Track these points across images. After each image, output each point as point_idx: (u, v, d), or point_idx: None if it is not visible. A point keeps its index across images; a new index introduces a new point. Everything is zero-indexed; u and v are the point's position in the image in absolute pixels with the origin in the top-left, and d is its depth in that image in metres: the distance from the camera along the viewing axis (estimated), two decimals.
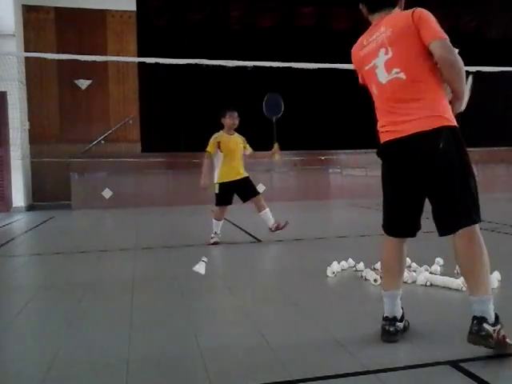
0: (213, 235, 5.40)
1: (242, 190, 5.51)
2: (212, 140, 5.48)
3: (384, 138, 2.32)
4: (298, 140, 11.79)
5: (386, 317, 2.38)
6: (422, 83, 2.21)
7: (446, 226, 2.20)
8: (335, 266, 3.81)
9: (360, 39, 2.47)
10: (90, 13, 11.11)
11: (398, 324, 2.36)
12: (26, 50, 10.42)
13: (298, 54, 9.55)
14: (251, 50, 11.05)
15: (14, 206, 10.09)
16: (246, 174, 5.54)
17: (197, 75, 10.54)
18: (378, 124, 2.38)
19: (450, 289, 3.25)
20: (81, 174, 10.47)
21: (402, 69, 2.23)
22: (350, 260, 4.00)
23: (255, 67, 8.26)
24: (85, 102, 11.20)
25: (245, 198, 5.57)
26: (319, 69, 8.70)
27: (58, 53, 10.28)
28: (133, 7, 11.39)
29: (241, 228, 6.59)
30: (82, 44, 10.73)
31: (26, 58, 10.08)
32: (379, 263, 3.85)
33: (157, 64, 8.52)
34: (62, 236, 6.79)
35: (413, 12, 2.22)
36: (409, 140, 2.19)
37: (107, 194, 10.52)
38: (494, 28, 13.26)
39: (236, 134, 5.62)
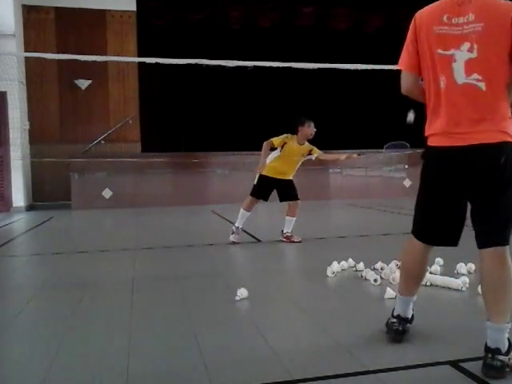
0: (234, 229, 5.38)
1: (283, 190, 5.48)
2: (283, 137, 5.42)
3: (439, 142, 2.13)
4: None
5: (398, 315, 2.36)
6: (499, 98, 2.04)
7: (483, 239, 2.09)
8: (335, 266, 3.81)
9: (437, 8, 2.12)
10: (90, 13, 11.11)
11: (408, 325, 2.36)
12: (26, 50, 10.42)
13: (298, 54, 9.55)
14: (251, 50, 11.05)
15: (14, 206, 10.08)
16: (291, 178, 5.56)
17: (197, 75, 10.54)
18: (431, 125, 2.16)
19: (449, 289, 3.25)
20: (81, 174, 10.46)
21: (484, 77, 2.01)
22: (350, 260, 4.00)
23: (255, 67, 8.25)
24: (85, 102, 11.20)
25: (283, 199, 5.53)
26: (319, 69, 8.70)
27: (58, 53, 10.28)
28: (133, 7, 11.39)
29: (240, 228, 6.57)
30: (82, 44, 10.73)
31: (26, 58, 10.08)
32: (379, 263, 3.86)
33: (157, 64, 8.52)
34: (62, 236, 6.79)
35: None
36: (470, 150, 2.03)
37: (107, 194, 10.51)
38: None
39: (306, 145, 5.51)
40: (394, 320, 2.36)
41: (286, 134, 5.43)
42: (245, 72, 8.90)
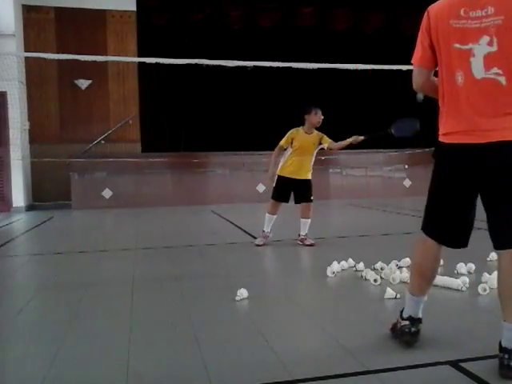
0: (262, 233, 5.29)
1: (299, 191, 5.35)
2: (288, 135, 5.37)
3: (456, 139, 2.07)
4: None
5: (410, 317, 2.29)
6: None
7: (501, 240, 2.05)
8: (335, 266, 3.81)
9: (451, 1, 2.06)
10: (90, 13, 11.11)
11: (420, 326, 2.31)
12: (26, 50, 10.42)
13: (298, 54, 9.55)
14: (251, 50, 11.06)
15: (14, 206, 10.09)
16: (308, 177, 5.36)
17: (197, 75, 10.55)
18: (448, 122, 2.10)
19: (450, 289, 3.25)
20: (81, 174, 10.46)
21: (505, 71, 1.95)
22: (350, 260, 4.00)
23: (255, 67, 8.25)
24: (85, 102, 11.20)
25: (297, 200, 5.42)
26: (319, 69, 8.70)
27: (57, 53, 10.28)
28: (133, 7, 11.39)
29: (240, 228, 6.59)
30: (82, 44, 10.72)
31: (26, 58, 10.07)
32: (379, 263, 3.86)
33: (157, 64, 8.52)
34: (62, 236, 6.79)
35: None
36: (490, 147, 1.98)
37: (107, 194, 10.52)
38: None
39: (315, 133, 5.36)
40: (406, 322, 2.28)
41: (290, 131, 5.36)
42: (245, 72, 8.90)
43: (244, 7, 12.10)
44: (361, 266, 3.86)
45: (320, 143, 5.35)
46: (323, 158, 11.66)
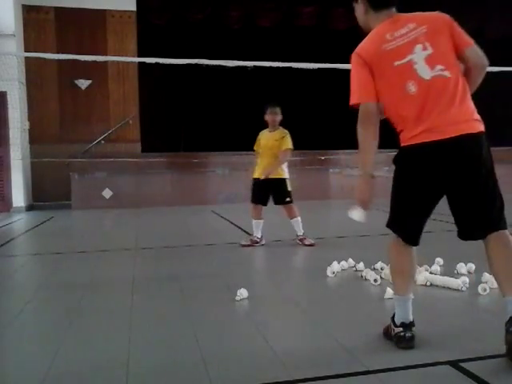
0: (250, 236, 5.33)
1: (276, 192, 5.32)
2: (257, 138, 5.50)
3: (420, 139, 2.17)
4: (298, 140, 11.77)
5: (402, 323, 2.29)
6: (461, 85, 2.18)
7: (480, 230, 2.19)
8: (335, 266, 3.81)
9: (377, 34, 2.30)
10: (90, 13, 11.11)
11: (414, 328, 2.31)
12: (26, 50, 10.41)
13: (298, 54, 9.55)
14: (251, 50, 11.05)
15: (14, 206, 10.08)
16: (280, 176, 5.28)
17: (197, 75, 10.54)
18: (408, 129, 2.22)
19: (450, 289, 3.25)
20: (81, 174, 10.46)
21: (446, 67, 2.17)
22: (350, 260, 4.00)
23: (255, 67, 8.25)
24: (85, 102, 11.19)
25: (275, 202, 5.41)
26: (319, 69, 8.70)
27: (57, 53, 10.27)
28: (133, 7, 11.38)
29: (240, 228, 6.58)
30: (82, 44, 10.73)
31: (26, 58, 10.07)
32: (379, 263, 3.86)
33: (157, 64, 8.52)
34: (62, 236, 6.79)
35: (443, 14, 2.26)
36: (453, 142, 2.12)
37: (107, 194, 10.51)
38: (494, 28, 13.27)
39: (279, 131, 5.36)
40: (400, 329, 2.29)
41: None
42: (245, 72, 8.90)
43: (244, 7, 12.09)
44: (361, 266, 3.87)
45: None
46: (323, 158, 11.69)
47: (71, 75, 10.91)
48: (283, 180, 5.30)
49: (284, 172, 5.33)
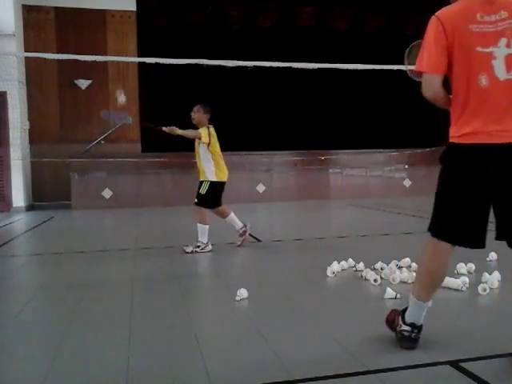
0: (239, 230, 5.29)
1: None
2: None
3: (476, 139, 2.08)
4: (298, 140, 11.81)
5: (412, 323, 2.26)
6: None
7: None
8: (335, 266, 3.81)
9: (467, 8, 2.10)
10: (90, 13, 11.11)
11: (421, 332, 2.29)
12: (26, 50, 10.42)
13: (298, 54, 9.55)
14: (251, 50, 11.05)
15: (14, 206, 10.09)
16: (201, 178, 5.23)
17: (197, 75, 10.54)
18: (466, 124, 2.11)
19: (449, 289, 3.25)
20: (81, 174, 10.46)
21: None
22: (350, 260, 4.00)
23: (255, 67, 8.25)
24: (85, 101, 11.19)
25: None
26: (319, 69, 8.70)
27: (57, 53, 10.28)
28: (133, 7, 11.39)
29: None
30: (82, 44, 10.72)
31: (26, 58, 10.07)
32: (379, 263, 3.86)
33: (157, 64, 8.52)
34: (62, 236, 6.79)
35: None
36: (510, 147, 2.04)
37: (107, 194, 10.51)
38: None
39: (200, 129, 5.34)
40: (408, 328, 2.26)
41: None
42: (245, 72, 8.90)
43: (244, 7, 12.09)
44: (361, 266, 3.87)
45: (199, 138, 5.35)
46: (323, 158, 11.69)
47: (71, 75, 10.91)
48: (201, 182, 5.23)
49: (205, 174, 5.22)
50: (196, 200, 5.19)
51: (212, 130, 5.28)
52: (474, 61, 2.08)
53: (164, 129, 5.13)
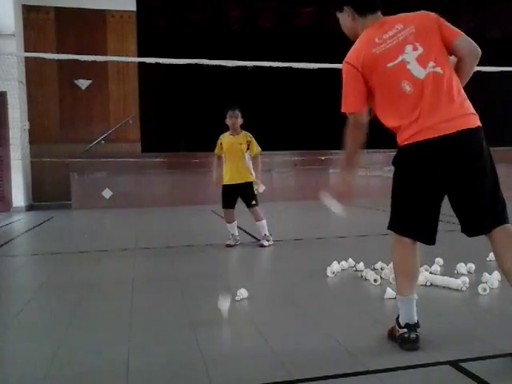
0: (230, 237, 5.35)
1: (243, 196, 5.34)
2: (217, 142, 5.50)
3: (416, 138, 2.17)
4: (298, 140, 11.80)
5: (407, 324, 2.25)
6: (454, 80, 2.20)
7: (486, 224, 2.17)
8: (335, 266, 3.81)
9: (365, 38, 2.30)
10: (90, 13, 11.11)
11: (419, 330, 2.27)
12: (26, 50, 10.42)
13: (298, 54, 9.55)
14: (251, 50, 11.05)
15: (14, 205, 10.09)
16: (248, 179, 5.28)
17: (197, 75, 10.54)
18: (406, 129, 2.20)
19: (450, 289, 3.25)
20: (81, 174, 10.46)
21: (437, 63, 2.18)
22: (350, 260, 4.00)
23: (255, 67, 8.26)
24: (85, 101, 11.20)
25: (246, 205, 5.41)
26: (319, 69, 8.71)
27: (57, 53, 10.28)
28: (133, 7, 11.39)
29: (241, 228, 6.58)
30: (82, 44, 10.73)
31: (26, 58, 10.08)
32: (379, 263, 3.86)
33: (157, 64, 8.53)
34: (62, 236, 6.79)
35: (428, 12, 2.30)
36: (454, 138, 2.13)
37: (107, 194, 10.52)
38: (494, 28, 13.26)
39: (242, 134, 5.37)
40: (404, 330, 2.25)
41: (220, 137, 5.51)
42: (245, 72, 8.91)
43: (244, 7, 12.09)
44: (361, 266, 3.86)
45: (248, 146, 5.33)
46: (323, 158, 11.68)
47: (71, 75, 10.92)
48: (251, 184, 5.29)
49: (252, 176, 5.32)
50: (253, 201, 5.28)
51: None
52: (390, 76, 2.22)
53: (260, 191, 5.32)
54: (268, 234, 5.27)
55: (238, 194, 5.35)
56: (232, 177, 5.29)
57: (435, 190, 2.21)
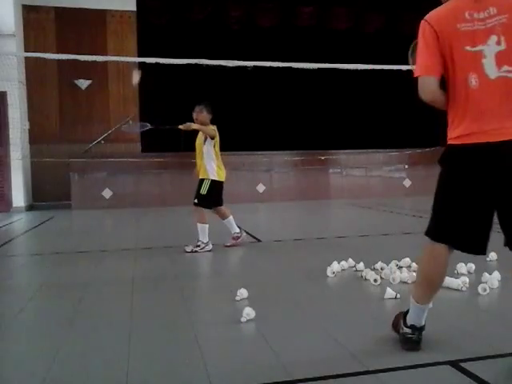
0: (234, 234, 5.34)
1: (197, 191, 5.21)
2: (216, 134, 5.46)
3: (470, 139, 2.03)
4: (298, 140, 11.80)
5: (413, 325, 2.24)
6: None
7: None
8: (335, 266, 3.81)
9: (455, 7, 2.06)
10: (90, 13, 11.12)
11: (423, 333, 2.26)
12: (26, 50, 10.42)
13: (298, 54, 9.55)
14: (251, 50, 11.06)
15: (14, 206, 10.09)
16: (202, 176, 5.17)
17: (197, 75, 10.54)
18: (460, 125, 2.07)
19: (449, 289, 3.25)
20: (81, 174, 10.46)
21: None
22: (350, 260, 4.00)
23: (255, 67, 8.26)
24: (85, 102, 11.20)
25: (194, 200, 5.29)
26: (319, 69, 8.70)
27: (57, 53, 10.28)
28: (133, 7, 11.39)
29: (240, 228, 6.58)
30: (82, 44, 10.73)
31: (26, 58, 10.08)
32: (379, 263, 3.86)
33: (157, 64, 8.52)
34: (62, 236, 6.79)
35: None
36: (506, 145, 1.98)
37: (107, 194, 10.52)
38: None
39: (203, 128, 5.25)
40: (409, 330, 2.24)
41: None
42: (245, 72, 8.90)
43: (244, 7, 12.10)
44: (361, 266, 3.87)
45: (205, 138, 5.29)
46: (323, 158, 11.69)
47: (71, 75, 10.92)
48: (202, 180, 5.17)
49: (207, 172, 5.17)
50: (196, 200, 5.17)
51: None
52: (464, 61, 2.04)
53: (180, 127, 5.13)
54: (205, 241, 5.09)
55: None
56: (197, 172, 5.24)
57: (485, 198, 2.05)
